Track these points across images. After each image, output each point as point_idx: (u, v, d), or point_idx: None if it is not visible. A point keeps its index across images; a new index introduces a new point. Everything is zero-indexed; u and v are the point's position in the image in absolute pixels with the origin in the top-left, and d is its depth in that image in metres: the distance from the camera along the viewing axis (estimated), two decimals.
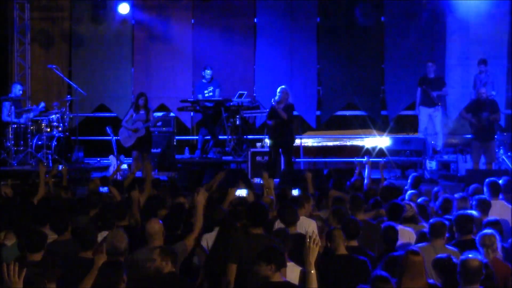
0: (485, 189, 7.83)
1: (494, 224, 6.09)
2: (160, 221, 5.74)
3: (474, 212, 6.68)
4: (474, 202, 7.07)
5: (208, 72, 13.16)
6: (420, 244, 5.75)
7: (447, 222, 5.96)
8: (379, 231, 6.13)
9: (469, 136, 11.96)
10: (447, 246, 5.77)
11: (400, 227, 6.26)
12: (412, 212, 6.80)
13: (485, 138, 11.50)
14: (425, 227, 6.34)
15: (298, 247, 5.74)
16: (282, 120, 11.57)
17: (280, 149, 11.85)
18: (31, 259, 5.21)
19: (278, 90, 11.73)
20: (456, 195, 7.62)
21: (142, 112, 12.19)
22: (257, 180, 11.48)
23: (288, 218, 6.11)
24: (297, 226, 6.27)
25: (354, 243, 5.77)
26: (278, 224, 6.37)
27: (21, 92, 13.31)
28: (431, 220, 5.94)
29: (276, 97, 11.62)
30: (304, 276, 5.19)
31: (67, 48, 14.90)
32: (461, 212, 6.32)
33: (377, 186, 8.90)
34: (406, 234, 6.37)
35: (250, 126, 13.38)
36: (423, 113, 12.86)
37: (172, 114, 13.80)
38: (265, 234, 5.65)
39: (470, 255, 4.76)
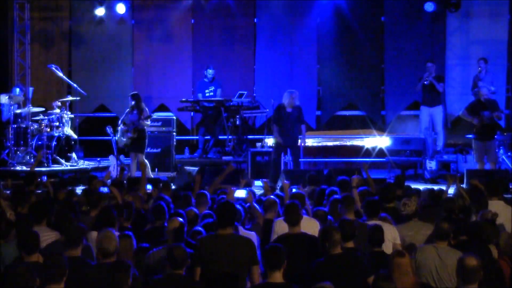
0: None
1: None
2: (181, 220, 5.71)
3: None
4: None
5: (210, 71, 13.17)
6: (423, 245, 5.75)
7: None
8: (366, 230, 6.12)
9: (470, 136, 11.95)
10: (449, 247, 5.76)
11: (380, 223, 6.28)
12: (413, 208, 6.74)
13: (487, 137, 11.50)
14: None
15: (302, 247, 5.78)
16: (292, 122, 11.65)
17: (289, 150, 11.88)
18: (28, 260, 5.24)
19: (289, 94, 11.78)
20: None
21: (134, 112, 12.11)
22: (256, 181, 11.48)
23: (292, 218, 6.02)
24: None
25: (351, 244, 5.74)
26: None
27: (21, 94, 13.35)
28: (437, 222, 5.87)
29: (289, 100, 11.69)
30: None
31: (67, 48, 14.91)
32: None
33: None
34: (389, 231, 6.35)
35: (250, 126, 13.38)
36: (424, 113, 12.88)
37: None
38: (235, 234, 5.51)
39: (468, 255, 4.80)
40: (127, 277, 4.68)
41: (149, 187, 9.76)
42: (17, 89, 13.37)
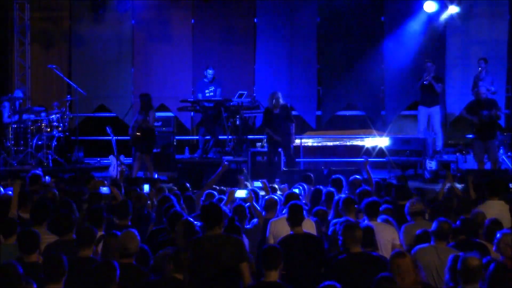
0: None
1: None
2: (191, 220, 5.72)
3: None
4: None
5: (210, 72, 13.17)
6: (422, 245, 5.74)
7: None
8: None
9: (470, 135, 11.96)
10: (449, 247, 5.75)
11: (380, 224, 6.34)
12: (419, 207, 6.75)
13: (487, 137, 11.49)
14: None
15: (310, 246, 5.80)
16: (281, 123, 11.62)
17: (282, 150, 11.84)
18: (27, 260, 5.26)
19: (271, 96, 11.77)
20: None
21: (143, 112, 12.17)
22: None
23: (296, 218, 6.00)
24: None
25: None
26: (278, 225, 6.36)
27: (21, 96, 13.38)
28: (437, 221, 5.82)
29: (274, 102, 11.66)
30: None
31: (67, 48, 14.91)
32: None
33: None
34: (387, 231, 6.36)
35: (250, 126, 13.39)
36: (422, 113, 12.87)
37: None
38: (223, 234, 5.50)
39: (469, 254, 4.78)
40: (114, 277, 4.67)
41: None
42: (20, 92, 13.42)
